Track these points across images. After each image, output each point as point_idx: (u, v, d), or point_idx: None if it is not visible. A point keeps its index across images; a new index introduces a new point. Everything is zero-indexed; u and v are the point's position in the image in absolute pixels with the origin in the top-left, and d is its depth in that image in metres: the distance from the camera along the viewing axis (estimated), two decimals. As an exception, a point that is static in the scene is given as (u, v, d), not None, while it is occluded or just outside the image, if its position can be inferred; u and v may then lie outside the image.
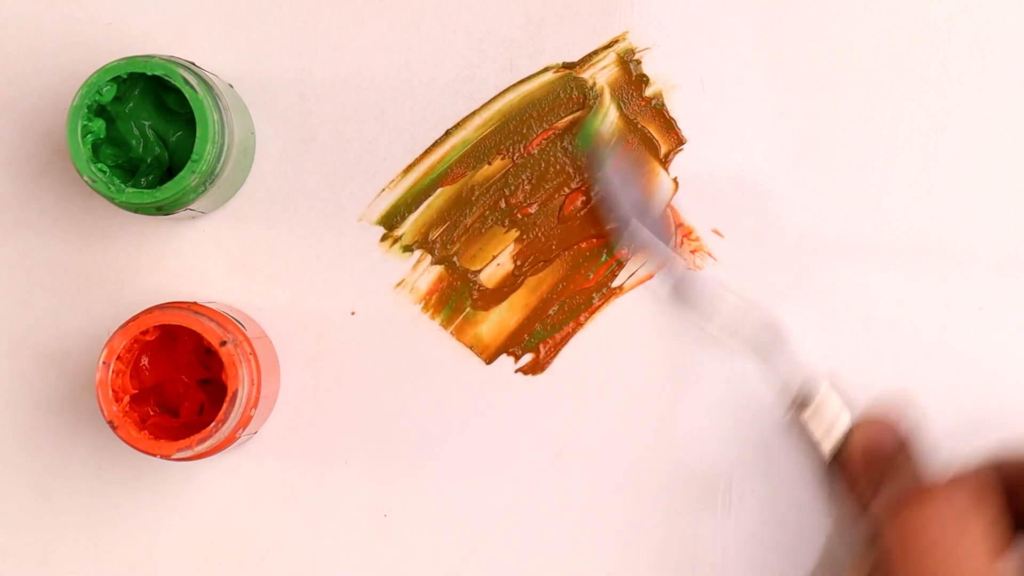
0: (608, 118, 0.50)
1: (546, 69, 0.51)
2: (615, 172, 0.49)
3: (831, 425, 0.47)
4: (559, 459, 0.51)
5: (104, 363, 0.46)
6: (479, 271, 0.51)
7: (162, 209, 0.47)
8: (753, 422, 0.50)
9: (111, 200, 0.46)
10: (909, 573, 0.38)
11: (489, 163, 0.50)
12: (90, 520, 0.50)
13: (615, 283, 0.51)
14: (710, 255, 0.51)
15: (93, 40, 0.51)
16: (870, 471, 0.44)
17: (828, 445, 0.47)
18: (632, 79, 0.51)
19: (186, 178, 0.46)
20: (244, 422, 0.47)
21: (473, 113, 0.51)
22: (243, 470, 0.51)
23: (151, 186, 0.48)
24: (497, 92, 0.51)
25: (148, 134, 0.49)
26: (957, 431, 0.50)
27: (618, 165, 0.49)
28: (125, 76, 0.46)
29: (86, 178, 0.46)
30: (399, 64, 0.51)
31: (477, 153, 0.51)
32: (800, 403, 0.48)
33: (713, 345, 0.50)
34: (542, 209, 0.51)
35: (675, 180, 0.51)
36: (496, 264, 0.51)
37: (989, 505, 0.40)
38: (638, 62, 0.51)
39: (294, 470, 0.51)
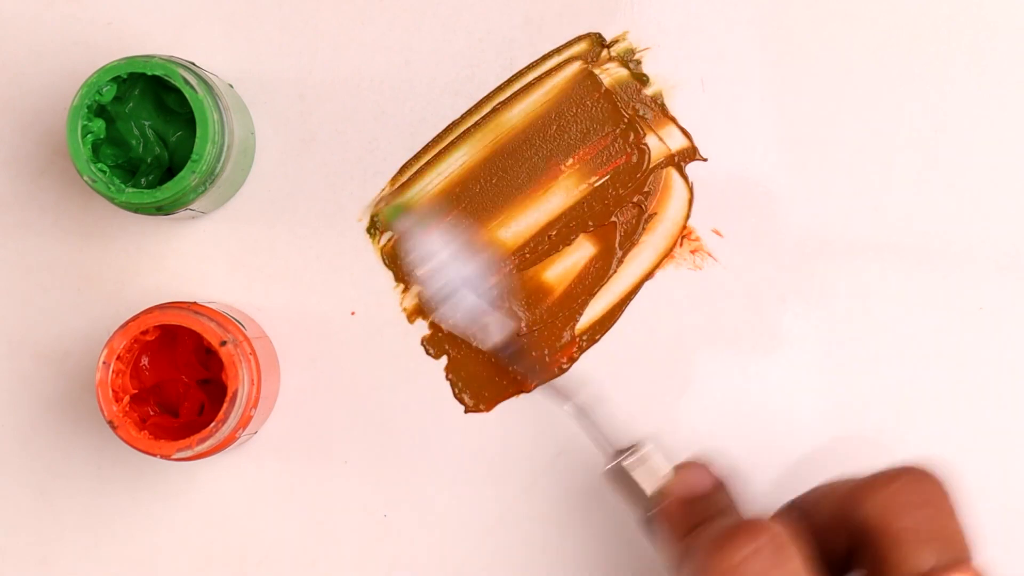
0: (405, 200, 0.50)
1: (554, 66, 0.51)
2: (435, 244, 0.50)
3: (652, 473, 0.46)
4: (559, 459, 0.51)
5: (104, 363, 0.46)
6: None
7: (162, 209, 0.47)
8: (753, 422, 0.50)
9: (111, 200, 0.46)
10: None
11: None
12: (90, 520, 0.50)
13: (614, 285, 0.51)
14: (710, 255, 0.51)
15: (93, 40, 0.51)
16: (689, 514, 0.44)
17: (649, 490, 0.47)
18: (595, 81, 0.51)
19: (186, 178, 0.46)
20: (244, 422, 0.47)
21: (474, 127, 0.51)
22: (243, 470, 0.51)
23: (151, 186, 0.48)
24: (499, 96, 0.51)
25: (148, 134, 0.49)
26: (957, 431, 0.50)
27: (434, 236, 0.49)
28: (125, 76, 0.46)
29: (86, 178, 0.46)
30: (399, 64, 0.51)
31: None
32: (623, 454, 0.47)
33: (713, 345, 0.50)
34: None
35: (690, 187, 0.51)
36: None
37: (806, 541, 0.40)
38: (638, 62, 0.51)
39: (294, 470, 0.51)
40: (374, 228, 0.51)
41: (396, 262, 0.51)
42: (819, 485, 0.43)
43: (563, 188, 0.51)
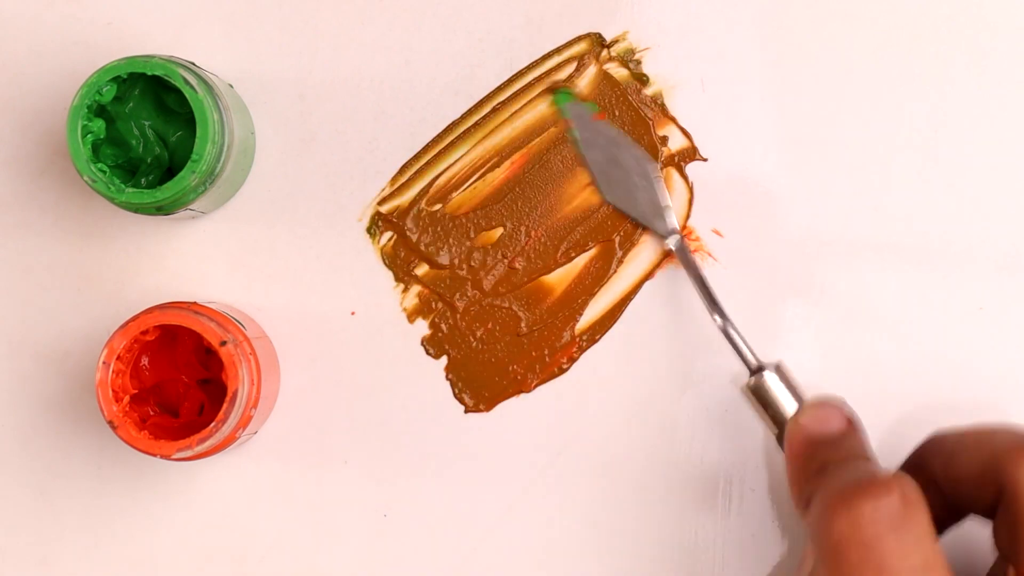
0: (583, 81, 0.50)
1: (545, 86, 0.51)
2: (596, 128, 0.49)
3: (782, 407, 0.46)
4: (559, 459, 0.51)
5: (104, 363, 0.46)
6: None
7: (162, 209, 0.47)
8: (753, 422, 0.50)
9: (111, 200, 0.46)
10: (856, 568, 0.38)
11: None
12: (90, 520, 0.50)
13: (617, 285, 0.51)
14: (710, 255, 0.51)
15: (93, 40, 0.51)
16: (817, 453, 0.44)
17: (788, 411, 0.46)
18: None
19: (186, 178, 0.46)
20: (244, 422, 0.47)
21: (474, 130, 0.51)
22: (243, 470, 0.51)
23: (151, 186, 0.48)
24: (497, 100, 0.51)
25: (148, 134, 0.49)
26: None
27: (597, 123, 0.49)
28: (125, 76, 0.46)
29: (86, 178, 0.46)
30: (399, 64, 0.51)
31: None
32: (752, 386, 0.47)
33: (713, 345, 0.50)
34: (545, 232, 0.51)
35: (690, 187, 0.51)
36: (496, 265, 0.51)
37: (933, 492, 0.40)
38: (638, 62, 0.51)
39: (294, 470, 0.51)
40: (375, 227, 0.51)
41: (396, 262, 0.51)
42: (956, 431, 0.43)
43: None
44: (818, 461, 0.43)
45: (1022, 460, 0.40)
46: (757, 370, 0.47)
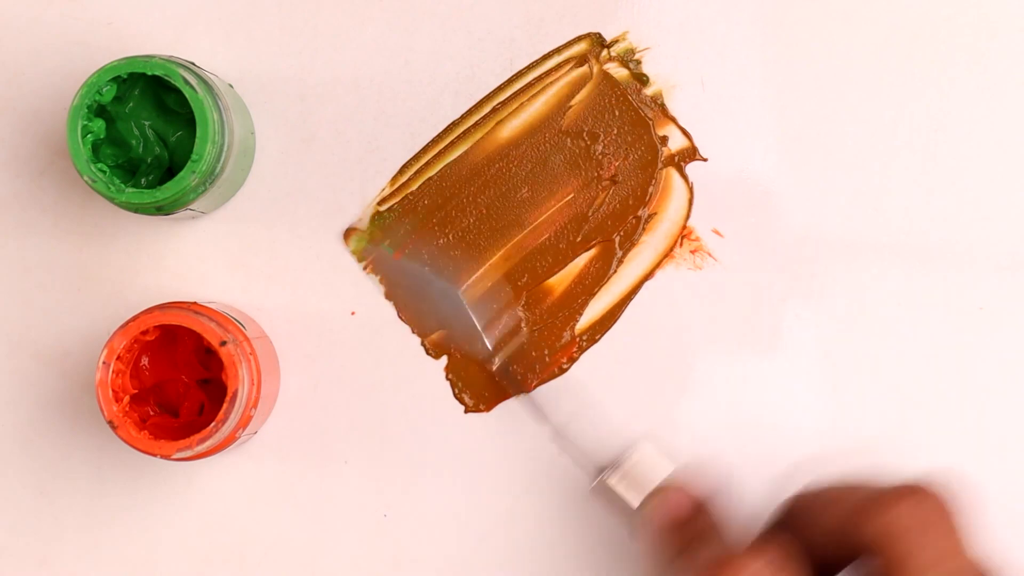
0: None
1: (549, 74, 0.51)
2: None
3: (637, 486, 0.47)
4: (559, 459, 0.50)
5: (104, 363, 0.46)
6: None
7: (162, 209, 0.47)
8: (752, 422, 0.50)
9: (111, 200, 0.46)
10: None
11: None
12: (90, 520, 0.50)
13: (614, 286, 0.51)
14: (710, 255, 0.51)
15: (93, 40, 0.51)
16: (672, 538, 0.44)
17: (635, 505, 0.47)
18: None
19: (186, 178, 0.46)
20: (244, 422, 0.47)
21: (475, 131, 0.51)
22: (243, 470, 0.51)
23: (151, 186, 0.48)
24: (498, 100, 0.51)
25: (148, 134, 0.49)
26: (958, 432, 0.50)
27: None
28: (125, 76, 0.46)
29: (86, 178, 0.46)
30: (399, 64, 0.51)
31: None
32: (606, 471, 0.48)
33: (713, 345, 0.50)
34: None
35: (691, 187, 0.51)
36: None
37: (795, 565, 0.40)
38: (638, 62, 0.51)
39: (294, 470, 0.51)
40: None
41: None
42: (817, 489, 0.43)
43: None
44: (675, 546, 0.44)
45: (872, 517, 0.39)
46: (599, 471, 0.47)
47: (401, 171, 0.51)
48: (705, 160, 0.51)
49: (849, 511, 0.40)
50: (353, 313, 0.51)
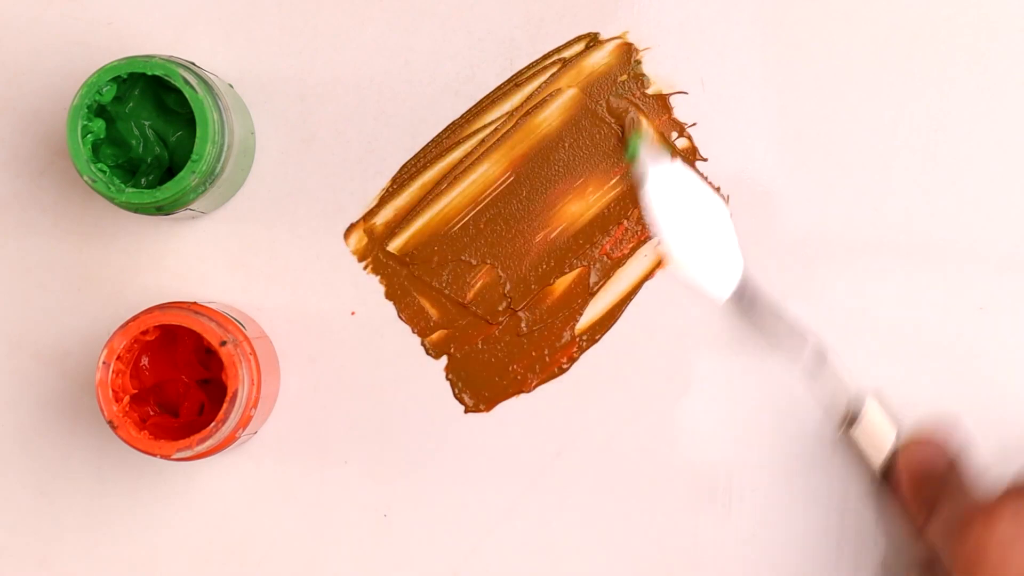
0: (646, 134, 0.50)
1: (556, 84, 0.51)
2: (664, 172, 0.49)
3: (880, 443, 0.47)
4: (559, 459, 0.51)
5: (104, 363, 0.46)
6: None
7: (162, 209, 0.47)
8: (753, 422, 0.50)
9: (111, 200, 0.46)
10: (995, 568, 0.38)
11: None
12: (90, 520, 0.50)
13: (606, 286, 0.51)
14: (710, 255, 0.51)
15: (93, 40, 0.51)
16: (921, 493, 0.44)
17: (877, 463, 0.47)
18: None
19: (186, 178, 0.46)
20: (244, 422, 0.47)
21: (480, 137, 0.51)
22: (243, 470, 0.51)
23: (151, 186, 0.48)
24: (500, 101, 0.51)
25: (148, 134, 0.49)
26: (956, 432, 0.50)
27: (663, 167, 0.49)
28: (125, 76, 0.46)
29: (86, 178, 0.46)
30: (399, 64, 0.51)
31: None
32: (848, 421, 0.48)
33: (713, 345, 0.50)
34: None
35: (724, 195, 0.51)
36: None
37: None
38: (638, 62, 0.51)
39: (294, 470, 0.51)
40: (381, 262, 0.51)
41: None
42: None
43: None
44: (927, 493, 0.45)
45: None
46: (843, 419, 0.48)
47: (401, 171, 0.51)
48: (705, 160, 0.51)
49: None
50: (353, 313, 0.51)
